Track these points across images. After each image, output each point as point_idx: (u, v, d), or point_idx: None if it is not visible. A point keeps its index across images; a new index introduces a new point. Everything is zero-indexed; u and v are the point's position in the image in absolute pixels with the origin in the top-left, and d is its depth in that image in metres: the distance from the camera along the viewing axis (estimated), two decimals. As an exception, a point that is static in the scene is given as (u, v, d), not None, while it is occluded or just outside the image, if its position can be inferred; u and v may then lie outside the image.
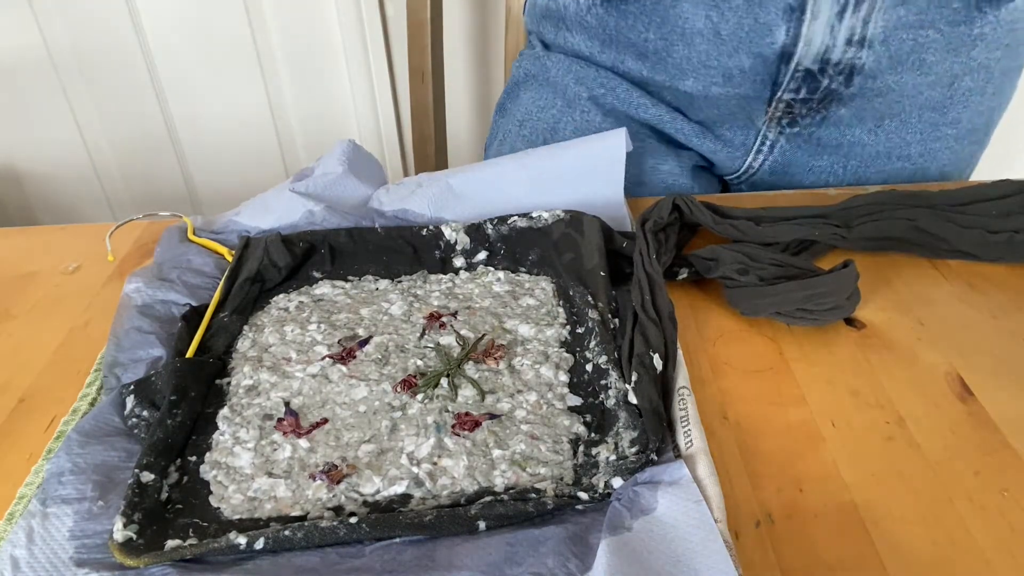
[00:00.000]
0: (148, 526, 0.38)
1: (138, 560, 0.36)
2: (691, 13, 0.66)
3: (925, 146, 0.71)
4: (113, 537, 0.37)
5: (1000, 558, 0.37)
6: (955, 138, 0.71)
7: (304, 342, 0.51)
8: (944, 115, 0.70)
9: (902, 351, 0.49)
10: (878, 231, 0.57)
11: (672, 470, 0.39)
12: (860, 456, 0.42)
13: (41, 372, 0.50)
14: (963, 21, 0.63)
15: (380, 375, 0.48)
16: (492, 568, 0.36)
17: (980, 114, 0.71)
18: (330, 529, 0.37)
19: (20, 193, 1.49)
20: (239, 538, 0.37)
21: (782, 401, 0.46)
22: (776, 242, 0.57)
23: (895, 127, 0.70)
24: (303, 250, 0.58)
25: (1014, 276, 0.56)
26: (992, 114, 0.74)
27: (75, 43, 1.33)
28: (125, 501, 0.38)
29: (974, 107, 0.70)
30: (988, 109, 0.72)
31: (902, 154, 0.72)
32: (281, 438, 0.44)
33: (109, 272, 0.60)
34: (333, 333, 0.51)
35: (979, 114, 0.71)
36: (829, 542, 0.38)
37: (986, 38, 0.65)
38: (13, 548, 0.37)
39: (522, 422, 0.44)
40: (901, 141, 0.71)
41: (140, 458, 0.41)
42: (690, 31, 0.67)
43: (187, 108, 1.41)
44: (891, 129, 0.70)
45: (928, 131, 0.70)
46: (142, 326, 0.50)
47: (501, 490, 0.40)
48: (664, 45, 0.69)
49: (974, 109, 0.71)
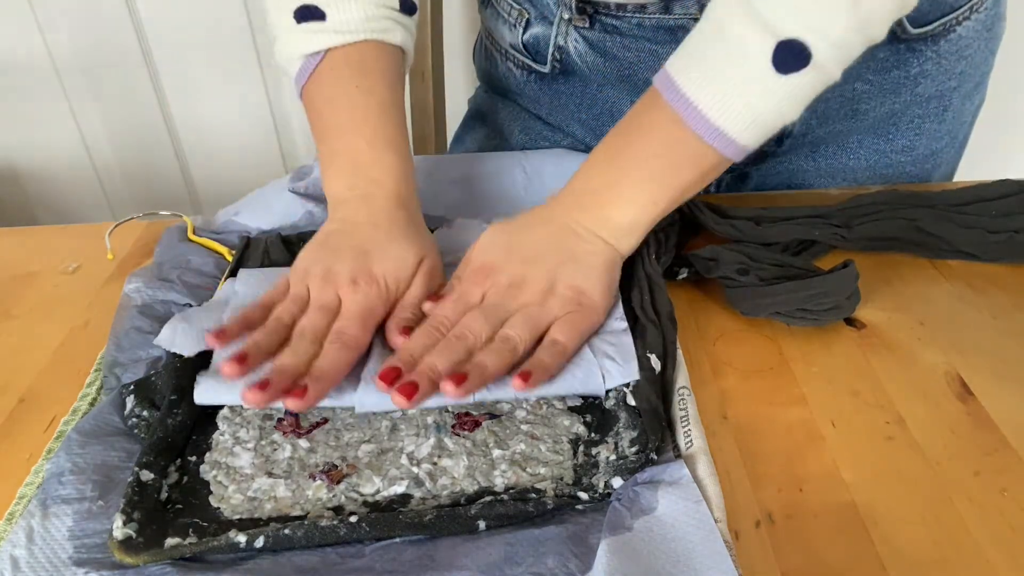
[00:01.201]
0: (148, 525, 0.38)
1: (137, 558, 0.36)
2: (617, 97, 0.68)
3: (874, 172, 0.69)
4: (113, 535, 0.37)
5: (1000, 558, 0.37)
6: (912, 163, 0.69)
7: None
8: (891, 143, 0.68)
9: (902, 351, 0.49)
10: (878, 231, 0.57)
11: (672, 470, 0.39)
12: (860, 456, 0.42)
13: (41, 372, 0.50)
14: (894, 66, 0.62)
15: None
16: (492, 568, 0.36)
17: (938, 138, 0.69)
18: (330, 528, 0.37)
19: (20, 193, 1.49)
20: (239, 536, 0.37)
21: (782, 401, 0.46)
22: (776, 242, 0.57)
23: (834, 151, 0.68)
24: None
25: (1014, 276, 0.56)
26: (957, 132, 0.71)
27: (75, 43, 1.33)
28: (125, 499, 0.38)
29: (930, 134, 0.68)
30: (950, 131, 0.70)
31: (847, 177, 0.70)
32: (281, 438, 0.44)
33: (109, 272, 0.60)
34: (333, 333, 0.51)
35: (937, 138, 0.69)
36: (829, 542, 0.38)
37: (930, 73, 0.64)
38: (13, 548, 0.37)
39: (522, 422, 0.44)
40: (843, 167, 0.69)
41: (140, 456, 0.41)
42: (618, 113, 0.68)
43: (187, 108, 1.41)
44: (830, 154, 0.69)
45: (875, 158, 0.69)
46: (142, 326, 0.50)
47: (501, 490, 0.40)
48: (597, 124, 0.70)
49: (930, 135, 0.69)
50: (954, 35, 0.62)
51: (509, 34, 0.70)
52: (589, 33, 0.65)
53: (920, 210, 0.58)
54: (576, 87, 0.69)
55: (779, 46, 0.43)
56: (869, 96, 0.61)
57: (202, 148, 1.45)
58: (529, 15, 0.68)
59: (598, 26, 0.64)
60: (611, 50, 0.65)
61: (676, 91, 0.46)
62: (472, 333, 0.45)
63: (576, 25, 0.65)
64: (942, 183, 0.71)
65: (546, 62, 0.69)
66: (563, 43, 0.67)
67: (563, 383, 0.45)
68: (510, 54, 0.72)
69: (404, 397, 0.41)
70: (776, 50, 0.43)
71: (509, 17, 0.70)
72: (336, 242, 0.51)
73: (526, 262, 0.49)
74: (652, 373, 0.45)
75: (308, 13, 0.53)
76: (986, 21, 0.64)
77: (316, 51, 0.54)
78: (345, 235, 0.51)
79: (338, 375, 0.44)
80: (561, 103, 0.71)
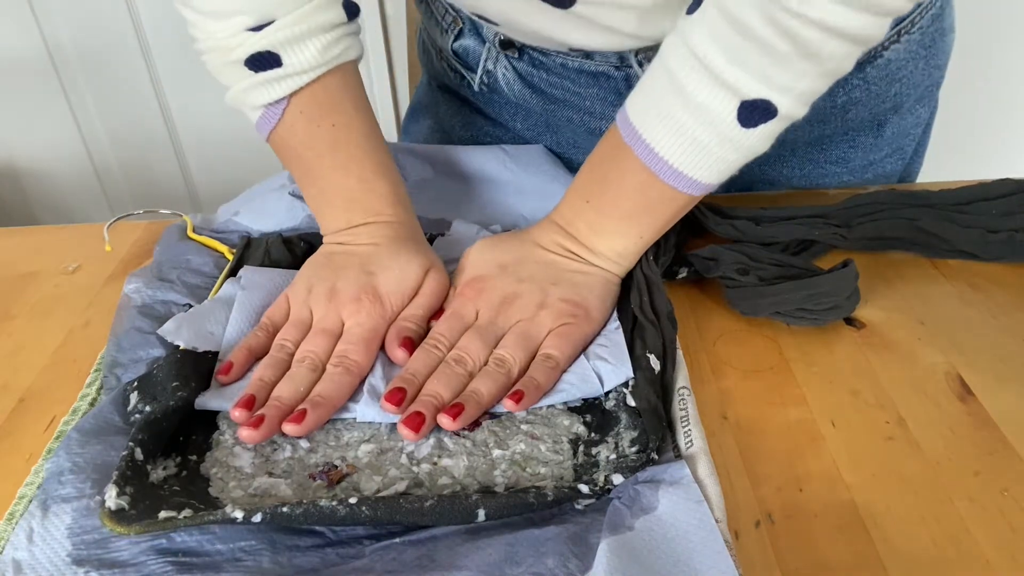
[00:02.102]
0: (141, 499, 0.38)
1: (129, 528, 0.36)
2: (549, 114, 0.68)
3: (808, 180, 0.68)
4: (105, 505, 0.37)
5: (1000, 558, 0.37)
6: (848, 172, 0.68)
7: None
8: (825, 153, 0.67)
9: (902, 351, 0.49)
10: (878, 231, 0.57)
11: (673, 470, 0.39)
12: (860, 456, 0.42)
13: (41, 372, 0.50)
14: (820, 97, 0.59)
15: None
16: (492, 568, 0.36)
17: (876, 150, 0.68)
18: (329, 509, 0.37)
19: (20, 193, 1.49)
20: (235, 512, 0.36)
21: (782, 401, 0.46)
22: (776, 242, 0.57)
23: (770, 162, 0.67)
24: (303, 250, 0.58)
25: (1014, 276, 0.56)
26: (902, 143, 0.70)
27: (75, 43, 1.33)
28: (117, 472, 0.38)
29: (865, 147, 0.67)
30: (890, 143, 0.68)
31: (784, 185, 0.69)
32: (281, 438, 0.44)
33: (109, 272, 0.60)
34: (333, 333, 0.51)
35: (874, 150, 0.68)
36: (829, 542, 0.38)
37: (860, 100, 0.62)
38: (15, 551, 0.37)
39: (522, 422, 0.44)
40: (778, 175, 0.68)
41: (135, 433, 0.40)
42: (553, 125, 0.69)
43: (187, 107, 1.41)
44: (767, 164, 0.67)
45: (808, 167, 0.68)
46: (142, 326, 0.50)
47: (501, 490, 0.40)
48: (533, 135, 0.71)
49: (865, 148, 0.67)
50: (881, 60, 0.60)
51: (440, 38, 0.70)
52: (518, 63, 0.65)
53: (920, 210, 0.58)
54: (506, 103, 0.70)
55: (743, 106, 0.43)
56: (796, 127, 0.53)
57: (202, 148, 1.45)
58: (463, 24, 0.67)
59: (527, 58, 0.64)
60: (538, 84, 0.65)
61: (646, 147, 0.46)
62: (471, 357, 0.46)
63: (506, 53, 0.65)
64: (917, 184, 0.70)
65: (476, 76, 0.69)
66: (492, 68, 0.67)
67: (559, 394, 0.45)
68: (445, 55, 0.71)
69: (411, 431, 0.42)
70: (740, 109, 0.43)
71: (443, 21, 0.69)
72: (339, 261, 0.51)
73: (520, 280, 0.49)
74: (652, 373, 0.45)
75: (262, 62, 0.50)
76: (922, 40, 0.62)
77: (279, 99, 0.51)
78: (347, 254, 0.51)
79: (339, 400, 0.44)
80: (494, 112, 0.72)
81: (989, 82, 1.40)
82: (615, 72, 0.61)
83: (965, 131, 1.42)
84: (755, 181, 0.69)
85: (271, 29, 0.49)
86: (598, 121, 0.66)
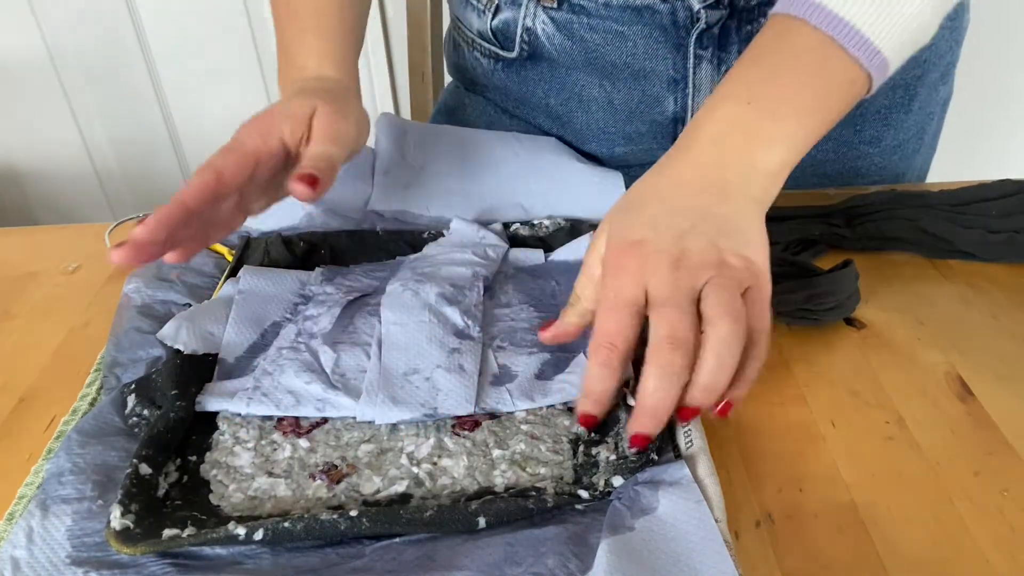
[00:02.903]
0: (145, 516, 0.38)
1: (134, 548, 0.36)
2: (586, 81, 0.68)
3: (842, 164, 0.68)
4: (110, 525, 0.37)
5: (1000, 558, 0.37)
6: (879, 154, 0.69)
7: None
8: (859, 134, 0.67)
9: (902, 351, 0.49)
10: (878, 231, 0.57)
11: (673, 470, 0.39)
12: (860, 456, 0.42)
13: (41, 372, 0.50)
14: None
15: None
16: (492, 568, 0.36)
17: (905, 129, 0.68)
18: (330, 522, 0.37)
19: (20, 193, 1.49)
20: (238, 529, 0.37)
21: (782, 401, 0.46)
22: (776, 242, 0.56)
23: None
24: (303, 250, 0.58)
25: (1014, 276, 0.56)
26: (925, 125, 0.70)
27: (75, 43, 1.33)
28: (122, 490, 0.38)
29: (896, 124, 0.68)
30: (916, 123, 0.69)
31: (816, 171, 0.68)
32: (281, 438, 0.44)
33: (109, 272, 0.60)
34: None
35: (903, 129, 0.68)
36: (829, 542, 0.38)
37: None
38: (13, 549, 0.37)
39: (522, 422, 0.44)
40: (810, 159, 0.67)
41: (139, 449, 0.40)
42: (587, 98, 0.68)
43: (187, 108, 1.41)
44: None
45: (843, 150, 0.68)
46: (142, 326, 0.50)
47: (501, 490, 0.40)
48: (566, 111, 0.70)
49: (897, 126, 0.68)
50: None
51: (478, 21, 0.70)
52: (557, 14, 0.65)
53: (920, 210, 0.58)
54: (543, 72, 0.69)
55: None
56: None
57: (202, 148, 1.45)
58: (499, 1, 0.68)
59: (566, 6, 0.64)
60: (578, 31, 0.65)
61: (822, 11, 0.41)
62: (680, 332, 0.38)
63: (544, 5, 0.65)
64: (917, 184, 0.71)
65: (514, 47, 0.68)
66: (531, 24, 0.66)
67: (557, 394, 0.45)
68: (477, 43, 0.72)
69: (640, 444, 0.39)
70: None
71: (478, 4, 0.69)
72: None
73: (681, 236, 0.40)
74: (652, 373, 0.45)
75: None
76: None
77: None
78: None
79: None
80: (528, 90, 0.71)
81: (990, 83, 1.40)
82: (661, 5, 0.60)
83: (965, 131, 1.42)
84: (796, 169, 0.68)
85: None
86: (643, 61, 0.64)
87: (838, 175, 0.69)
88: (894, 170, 0.71)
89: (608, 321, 0.40)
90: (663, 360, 0.38)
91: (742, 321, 0.38)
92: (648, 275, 0.40)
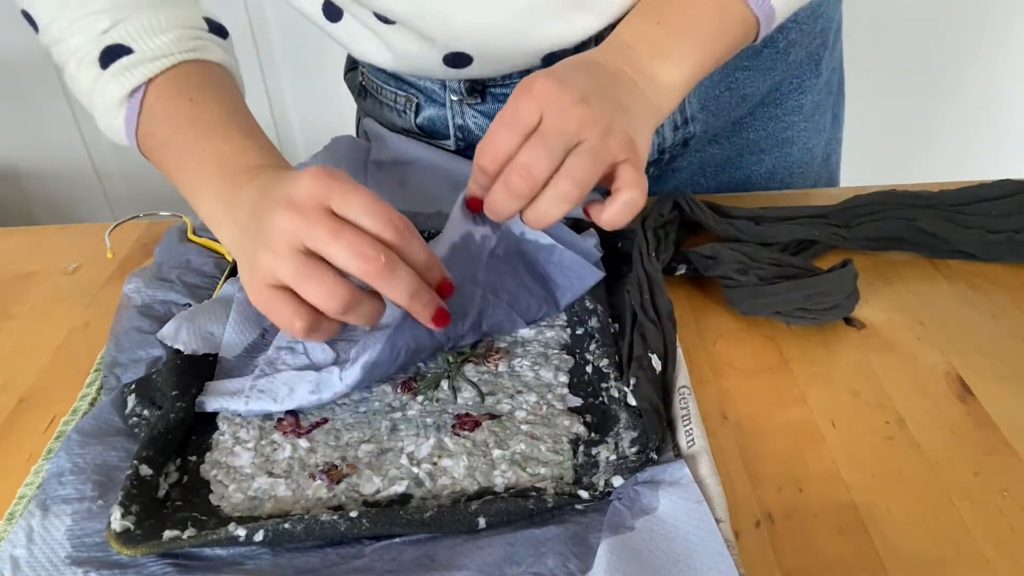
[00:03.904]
0: (146, 518, 0.38)
1: (135, 550, 0.36)
2: None
3: (773, 138, 0.71)
4: (111, 527, 0.37)
5: (1000, 558, 0.37)
6: (805, 119, 0.71)
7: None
8: (782, 106, 0.69)
9: (902, 351, 0.49)
10: (878, 231, 0.57)
11: (673, 470, 0.39)
12: (860, 456, 0.42)
13: (41, 372, 0.50)
14: (764, 46, 0.64)
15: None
16: (492, 568, 0.36)
17: (818, 90, 0.71)
18: (330, 523, 0.37)
19: (20, 193, 1.49)
20: (238, 530, 0.37)
21: (782, 401, 0.46)
22: (776, 242, 0.57)
23: (735, 132, 0.69)
24: (303, 250, 0.58)
25: (1014, 276, 0.56)
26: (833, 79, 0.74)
27: (75, 43, 1.32)
28: (123, 492, 0.38)
29: (812, 90, 0.70)
30: (829, 83, 0.72)
31: (753, 150, 0.71)
32: (281, 438, 0.44)
33: (109, 272, 0.60)
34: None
35: (816, 91, 0.71)
36: (829, 542, 0.38)
37: (797, 41, 0.66)
38: (13, 548, 0.37)
39: (522, 422, 0.44)
40: (746, 141, 0.71)
41: (139, 450, 0.41)
42: None
43: (187, 108, 1.40)
44: (733, 136, 0.70)
45: (772, 125, 0.70)
46: (142, 326, 0.50)
47: (501, 490, 0.40)
48: None
49: (813, 91, 0.70)
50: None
51: (400, 119, 0.69)
52: (483, 107, 0.65)
53: (920, 210, 0.58)
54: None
55: None
56: (751, 79, 0.64)
57: (202, 148, 1.44)
58: (418, 99, 0.67)
59: (490, 99, 0.64)
60: None
61: None
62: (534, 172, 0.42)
63: (468, 104, 0.65)
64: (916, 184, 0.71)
65: (450, 139, 0.68)
66: (462, 122, 0.66)
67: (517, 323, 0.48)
68: (409, 134, 0.70)
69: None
70: None
71: (396, 105, 0.69)
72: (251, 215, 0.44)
73: (587, 95, 0.43)
74: (653, 373, 0.45)
75: (113, 54, 0.49)
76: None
77: (135, 87, 0.49)
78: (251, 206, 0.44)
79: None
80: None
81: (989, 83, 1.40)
82: None
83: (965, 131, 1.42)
84: (729, 156, 0.71)
85: (121, 26, 0.50)
86: None
87: (771, 147, 0.71)
88: (822, 135, 0.74)
89: (496, 135, 0.43)
90: (513, 182, 0.42)
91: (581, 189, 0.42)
92: (548, 103, 0.42)
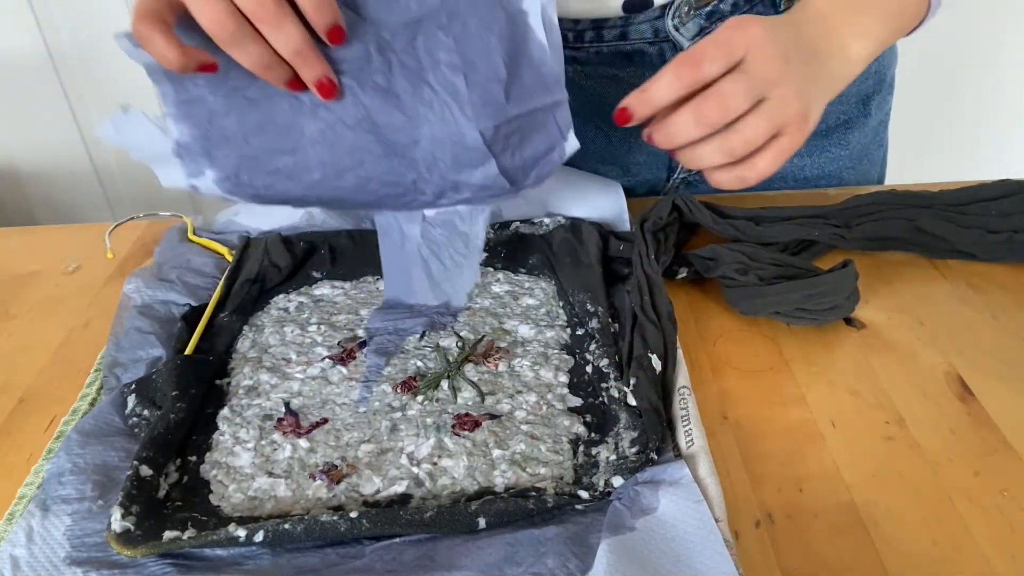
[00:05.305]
0: (146, 518, 0.38)
1: (135, 550, 0.36)
2: (584, 124, 0.67)
3: (821, 168, 0.72)
4: (111, 527, 0.37)
5: (1000, 558, 0.37)
6: (849, 156, 0.72)
7: (304, 343, 0.50)
8: (829, 138, 0.70)
9: (902, 351, 0.49)
10: (878, 231, 0.57)
11: (673, 470, 0.39)
12: (860, 456, 0.42)
13: (41, 372, 0.50)
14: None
15: (380, 376, 0.48)
16: (492, 568, 0.36)
17: (867, 125, 0.72)
18: (330, 524, 0.37)
19: (20, 193, 1.49)
20: (238, 531, 0.37)
21: (782, 401, 0.46)
22: (776, 242, 0.57)
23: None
24: (303, 250, 0.58)
25: (1014, 276, 0.56)
26: (880, 129, 0.75)
27: (75, 43, 1.32)
28: (123, 492, 0.38)
29: (859, 127, 0.71)
30: (876, 119, 0.73)
31: (797, 176, 0.72)
32: (281, 438, 0.44)
33: (109, 272, 0.60)
34: (333, 335, 0.51)
35: (865, 125, 0.72)
36: (829, 542, 0.38)
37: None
38: (13, 548, 0.37)
39: (522, 422, 0.44)
40: (792, 166, 0.71)
41: (139, 451, 0.41)
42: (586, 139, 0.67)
43: (187, 108, 1.40)
44: None
45: (818, 153, 0.71)
46: (142, 326, 0.50)
47: (501, 490, 0.40)
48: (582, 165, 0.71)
49: (860, 129, 0.71)
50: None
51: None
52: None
53: (920, 210, 0.58)
54: None
55: None
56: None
57: (202, 148, 1.44)
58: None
59: None
60: (574, 80, 0.66)
61: None
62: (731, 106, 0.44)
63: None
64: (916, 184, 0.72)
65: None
66: None
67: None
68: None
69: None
70: None
71: None
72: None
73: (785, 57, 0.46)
74: (653, 373, 0.45)
75: None
76: None
77: None
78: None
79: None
80: None
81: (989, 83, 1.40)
82: (649, 48, 0.63)
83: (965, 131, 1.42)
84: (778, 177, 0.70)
85: None
86: None
87: (816, 178, 0.72)
88: (860, 169, 0.74)
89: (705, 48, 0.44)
90: (705, 109, 0.44)
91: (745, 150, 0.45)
92: (756, 48, 0.44)
